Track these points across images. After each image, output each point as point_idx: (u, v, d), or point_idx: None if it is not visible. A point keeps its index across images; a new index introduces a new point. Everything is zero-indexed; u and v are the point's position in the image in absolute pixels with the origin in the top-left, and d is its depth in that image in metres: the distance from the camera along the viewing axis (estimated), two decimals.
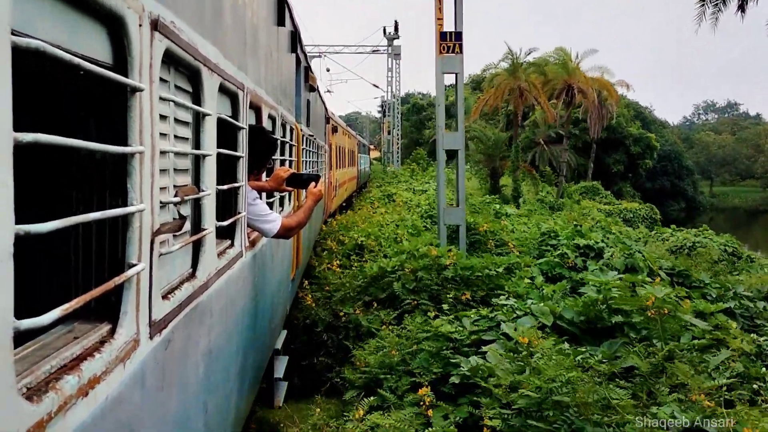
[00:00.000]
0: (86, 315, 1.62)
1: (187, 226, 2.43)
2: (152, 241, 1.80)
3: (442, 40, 11.12)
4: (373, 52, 50.10)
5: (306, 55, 8.55)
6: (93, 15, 1.47)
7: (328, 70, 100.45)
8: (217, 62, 2.66)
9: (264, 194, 4.38)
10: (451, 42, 11.12)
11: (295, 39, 6.33)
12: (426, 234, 12.10)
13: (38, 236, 1.09)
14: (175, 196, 2.19)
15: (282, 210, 5.61)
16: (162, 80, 1.98)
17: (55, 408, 1.20)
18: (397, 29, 48.11)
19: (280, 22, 5.15)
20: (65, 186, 1.72)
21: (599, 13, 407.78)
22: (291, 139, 6.31)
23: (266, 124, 4.44)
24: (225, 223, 2.94)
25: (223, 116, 2.92)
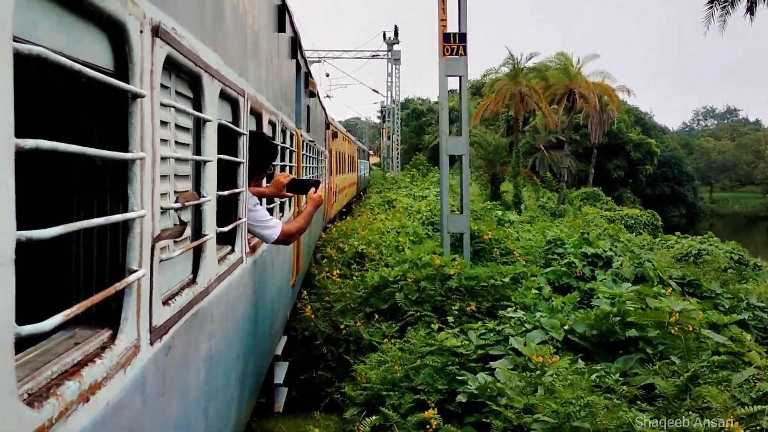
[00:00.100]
0: (87, 321, 1.62)
1: (188, 231, 2.43)
2: (153, 247, 1.80)
3: (446, 42, 10.81)
4: (373, 57, 50.15)
5: (306, 61, 8.57)
6: (94, 21, 1.48)
7: (328, 75, 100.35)
8: (218, 68, 2.67)
9: (264, 200, 4.38)
10: (454, 44, 10.79)
11: (295, 45, 6.35)
12: (428, 242, 11.85)
13: (39, 242, 1.09)
14: (176, 201, 2.19)
15: (282, 216, 5.61)
16: (163, 86, 1.99)
17: (56, 414, 1.20)
18: (397, 34, 48.14)
19: (281, 28, 5.16)
20: (66, 192, 1.72)
21: (601, 11, 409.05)
22: (291, 145, 6.31)
23: (266, 129, 4.45)
24: (225, 229, 2.94)
25: (223, 122, 2.92)
